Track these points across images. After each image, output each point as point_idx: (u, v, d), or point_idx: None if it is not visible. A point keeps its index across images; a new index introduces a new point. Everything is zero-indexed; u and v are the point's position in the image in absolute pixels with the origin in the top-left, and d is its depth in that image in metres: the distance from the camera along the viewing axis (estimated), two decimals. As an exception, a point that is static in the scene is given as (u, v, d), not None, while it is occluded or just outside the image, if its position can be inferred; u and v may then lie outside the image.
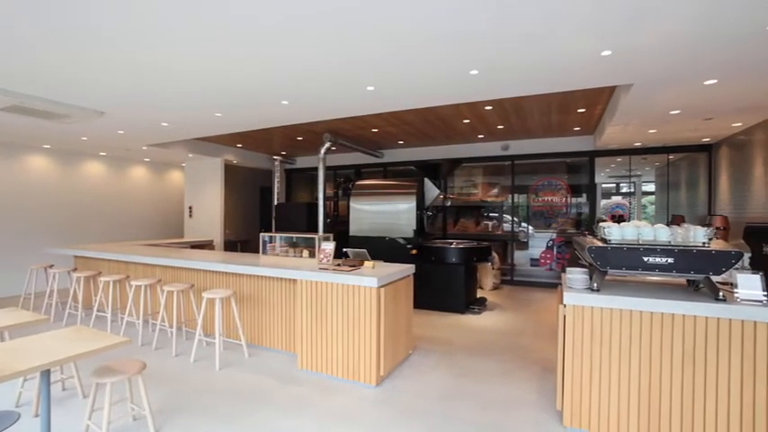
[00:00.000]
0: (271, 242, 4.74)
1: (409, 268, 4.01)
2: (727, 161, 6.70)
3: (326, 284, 3.56)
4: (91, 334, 2.48)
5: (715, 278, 2.50)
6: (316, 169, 7.41)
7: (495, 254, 7.36)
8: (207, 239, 8.21)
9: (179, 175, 10.31)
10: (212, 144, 8.32)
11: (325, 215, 7.31)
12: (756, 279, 2.34)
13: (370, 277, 3.34)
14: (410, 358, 4.02)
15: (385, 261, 4.28)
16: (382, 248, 6.11)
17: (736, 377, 2.33)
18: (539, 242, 8.32)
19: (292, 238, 4.72)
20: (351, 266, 3.76)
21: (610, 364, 2.59)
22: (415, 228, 6.16)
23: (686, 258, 2.43)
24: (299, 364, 3.72)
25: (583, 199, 8.10)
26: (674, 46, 3.11)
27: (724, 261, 2.37)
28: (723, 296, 2.41)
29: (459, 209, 9.16)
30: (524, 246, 8.48)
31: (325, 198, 7.35)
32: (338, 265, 3.86)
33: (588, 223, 7.66)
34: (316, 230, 7.34)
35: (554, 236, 8.11)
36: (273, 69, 3.68)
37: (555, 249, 8.05)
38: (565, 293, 2.67)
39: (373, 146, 8.61)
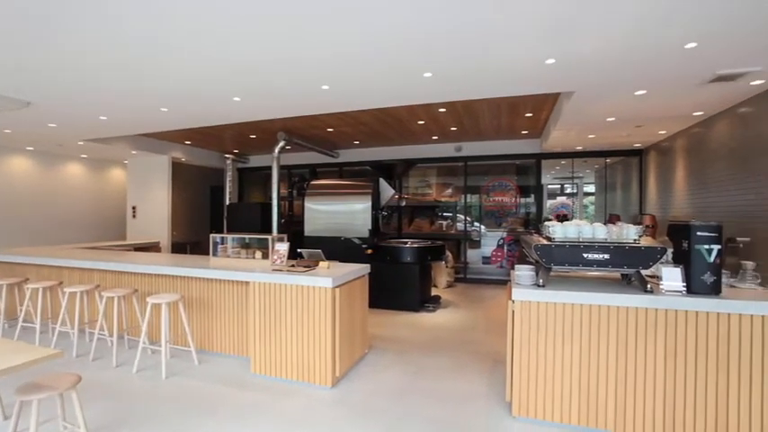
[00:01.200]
0: (222, 243, 4.57)
1: (364, 268, 4.03)
2: (655, 165, 7.31)
3: (280, 286, 3.50)
4: (13, 347, 2.24)
5: (644, 272, 2.73)
6: (270, 168, 7.23)
7: (448, 253, 7.56)
8: (152, 241, 7.77)
9: (121, 173, 9.68)
10: (158, 140, 7.89)
11: (280, 215, 7.17)
12: (677, 272, 2.58)
13: (325, 278, 3.32)
14: (366, 358, 4.04)
15: (340, 261, 4.27)
16: (338, 248, 6.09)
17: (661, 359, 2.56)
18: (490, 241, 8.64)
19: (245, 238, 4.58)
20: (305, 267, 3.72)
21: (554, 355, 2.74)
22: (370, 227, 6.19)
23: (620, 254, 2.63)
24: (253, 369, 3.62)
25: (531, 199, 8.51)
26: (609, 57, 3.35)
27: (651, 256, 2.59)
28: (651, 288, 2.64)
29: (414, 209, 9.31)
30: (477, 244, 8.78)
31: (280, 198, 7.20)
32: (292, 265, 3.80)
33: (535, 222, 8.05)
34: (269, 231, 7.17)
35: (504, 234, 8.47)
36: (221, 65, 3.56)
37: (505, 248, 8.40)
38: (513, 290, 2.81)
39: (329, 145, 8.55)
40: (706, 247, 2.52)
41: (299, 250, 4.24)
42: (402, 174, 8.85)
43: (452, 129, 6.97)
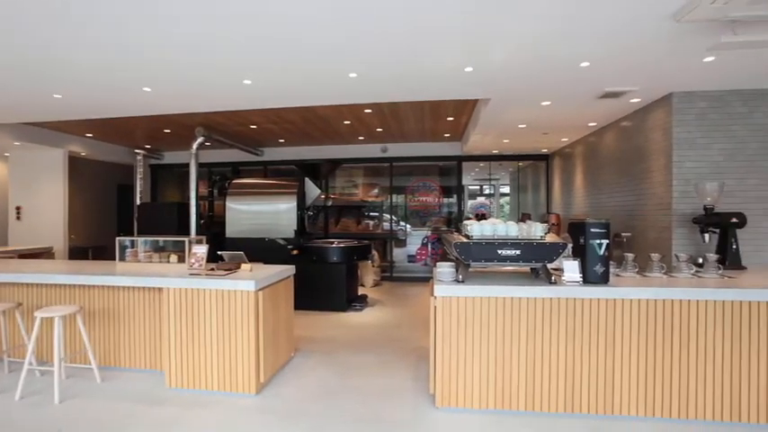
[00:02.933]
0: (132, 247, 4.17)
1: (289, 269, 3.94)
2: (559, 169, 8.11)
3: (198, 291, 3.29)
4: None
5: (549, 265, 3.02)
6: (187, 166, 6.75)
7: (375, 252, 7.68)
8: (43, 247, 6.82)
9: (0, 167, 8.36)
10: (51, 131, 6.94)
11: (199, 216, 6.73)
12: (575, 264, 2.90)
13: (247, 281, 3.19)
14: (292, 361, 3.96)
15: (264, 263, 4.13)
16: (262, 250, 5.87)
17: (563, 342, 2.86)
18: (416, 239, 8.94)
19: (158, 241, 4.24)
20: (226, 270, 3.54)
21: (473, 346, 2.93)
22: (296, 228, 6.07)
23: (529, 250, 2.89)
24: (168, 383, 3.36)
25: (453, 199, 8.96)
26: (517, 70, 3.66)
27: (555, 251, 2.88)
28: (554, 280, 2.93)
29: (341, 208, 9.31)
30: (403, 243, 9.03)
31: (199, 197, 6.76)
32: (212, 269, 3.60)
33: (457, 221, 8.50)
34: (187, 233, 6.70)
35: (429, 233, 8.81)
36: (129, 50, 3.26)
37: (429, 246, 8.75)
38: (435, 286, 2.94)
39: (253, 143, 8.21)
40: (597, 241, 2.86)
41: (219, 252, 4.03)
42: (328, 173, 8.81)
43: (378, 130, 7.09)
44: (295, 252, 5.97)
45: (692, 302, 2.78)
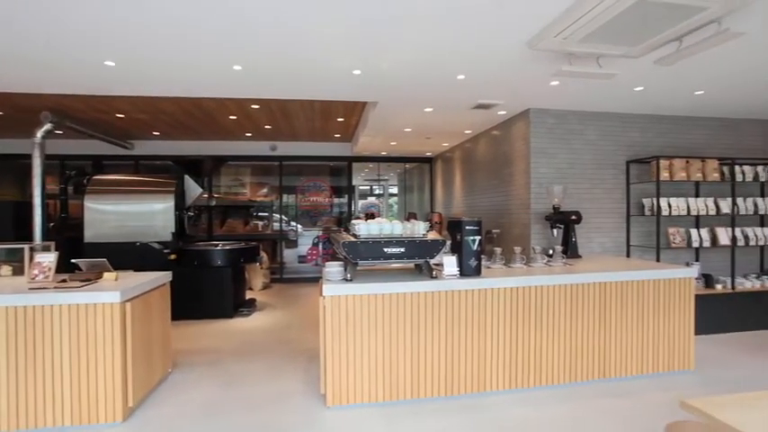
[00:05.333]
0: (-57, 258, 3.33)
1: (165, 276, 3.58)
2: (441, 171, 8.80)
3: (43, 309, 2.75)
4: None
5: (431, 261, 3.27)
6: (29, 157, 5.62)
7: (263, 253, 7.38)
8: None
9: None
10: None
11: (46, 218, 5.66)
12: (453, 259, 3.19)
13: (111, 291, 2.79)
14: (169, 378, 3.60)
15: (136, 270, 3.68)
16: (132, 256, 5.21)
17: (444, 331, 3.12)
18: (307, 240, 8.84)
19: (-16, 250, 3.46)
20: (83, 281, 3.06)
21: (362, 343, 3.02)
22: (173, 230, 5.52)
23: (412, 247, 3.08)
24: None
25: (344, 199, 9.07)
26: (402, 77, 3.87)
27: (435, 247, 3.13)
28: (435, 275, 3.18)
29: (227, 209, 8.75)
30: (294, 244, 8.84)
31: (47, 196, 5.68)
32: (63, 281, 3.07)
33: (347, 221, 8.64)
34: (30, 239, 5.59)
35: (320, 233, 8.78)
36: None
37: (320, 246, 8.72)
38: (324, 286, 2.96)
39: (121, 134, 7.21)
40: (471, 238, 3.19)
41: (74, 261, 3.45)
42: (212, 171, 8.21)
43: (267, 127, 6.82)
44: (173, 257, 5.43)
45: (545, 287, 3.28)
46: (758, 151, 5.43)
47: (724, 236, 4.98)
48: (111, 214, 5.53)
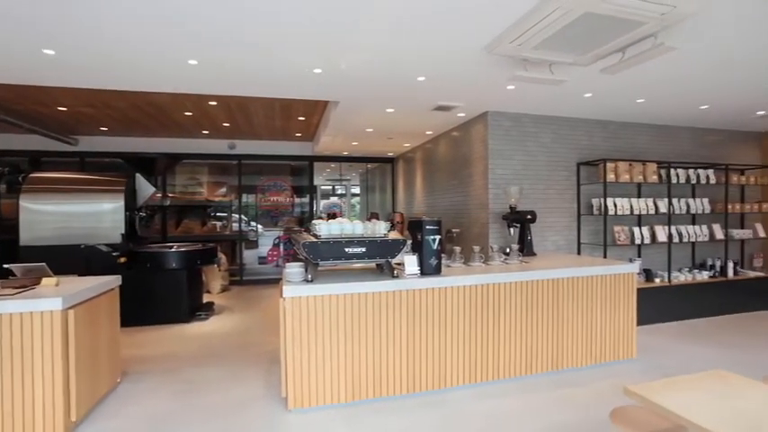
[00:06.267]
0: None
1: (113, 280, 3.39)
2: (403, 171, 8.89)
3: (-27, 318, 2.54)
4: None
5: (392, 261, 3.30)
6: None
7: (222, 255, 7.15)
8: None
9: None
10: None
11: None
12: (414, 259, 3.24)
13: (51, 298, 2.60)
14: (118, 388, 3.41)
15: (81, 275, 3.46)
16: (77, 260, 4.89)
17: (405, 330, 3.16)
18: (267, 240, 8.65)
19: None
20: (18, 288, 2.84)
21: (323, 344, 2.99)
22: (123, 232, 5.23)
23: (374, 247, 3.10)
24: None
25: (305, 199, 8.96)
26: (363, 77, 3.88)
27: (396, 247, 3.16)
28: (396, 274, 3.22)
29: (183, 209, 8.40)
30: (254, 245, 8.63)
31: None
32: (-3, 287, 2.84)
33: (308, 221, 8.54)
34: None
35: (281, 234, 8.62)
36: None
37: (281, 247, 8.57)
38: (284, 287, 2.91)
39: (62, 129, 6.73)
40: (431, 237, 3.25)
41: (6, 266, 3.19)
42: (166, 169, 7.86)
43: (225, 124, 6.62)
44: (123, 260, 5.14)
45: (502, 284, 3.40)
46: (691, 156, 5.90)
47: (662, 233, 5.38)
48: (51, 215, 5.16)
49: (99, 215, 5.25)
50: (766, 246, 6.26)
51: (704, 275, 5.56)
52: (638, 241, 5.27)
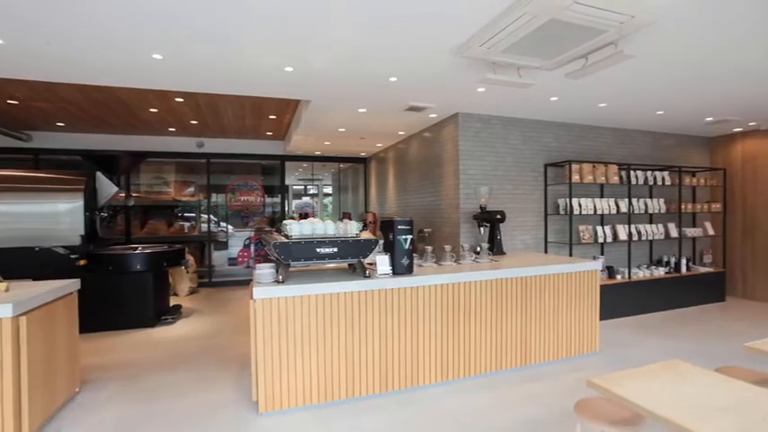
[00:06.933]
0: None
1: (71, 284, 3.22)
2: (375, 171, 8.90)
3: None
4: None
5: (364, 260, 3.30)
6: None
7: (190, 256, 6.94)
8: None
9: None
10: None
11: None
12: (386, 259, 3.25)
13: (0, 305, 2.46)
14: (77, 398, 3.24)
15: (36, 279, 3.28)
16: (30, 263, 4.64)
17: (377, 329, 3.17)
18: (238, 241, 8.45)
19: None
20: (-33, 293, 2.66)
21: (295, 346, 2.96)
22: (83, 233, 4.99)
23: (345, 247, 3.09)
24: None
25: (277, 199, 8.81)
26: (335, 76, 3.86)
27: (368, 247, 3.16)
28: (369, 274, 3.22)
29: (148, 209, 8.09)
30: (224, 245, 8.41)
31: None
32: (-59, 293, 2.65)
33: (280, 222, 8.42)
34: None
35: (251, 234, 8.45)
36: None
37: (252, 247, 8.40)
38: (254, 288, 2.86)
39: (14, 124, 6.35)
40: (403, 237, 3.27)
41: (-47, 271, 2.99)
42: (130, 168, 7.56)
43: (193, 122, 6.42)
44: (83, 262, 4.90)
45: (473, 283, 3.46)
46: (648, 158, 6.21)
47: (622, 232, 5.63)
48: (1, 215, 4.85)
49: (55, 216, 4.98)
50: (715, 243, 6.66)
51: (661, 271, 5.85)
52: (600, 240, 5.49)
